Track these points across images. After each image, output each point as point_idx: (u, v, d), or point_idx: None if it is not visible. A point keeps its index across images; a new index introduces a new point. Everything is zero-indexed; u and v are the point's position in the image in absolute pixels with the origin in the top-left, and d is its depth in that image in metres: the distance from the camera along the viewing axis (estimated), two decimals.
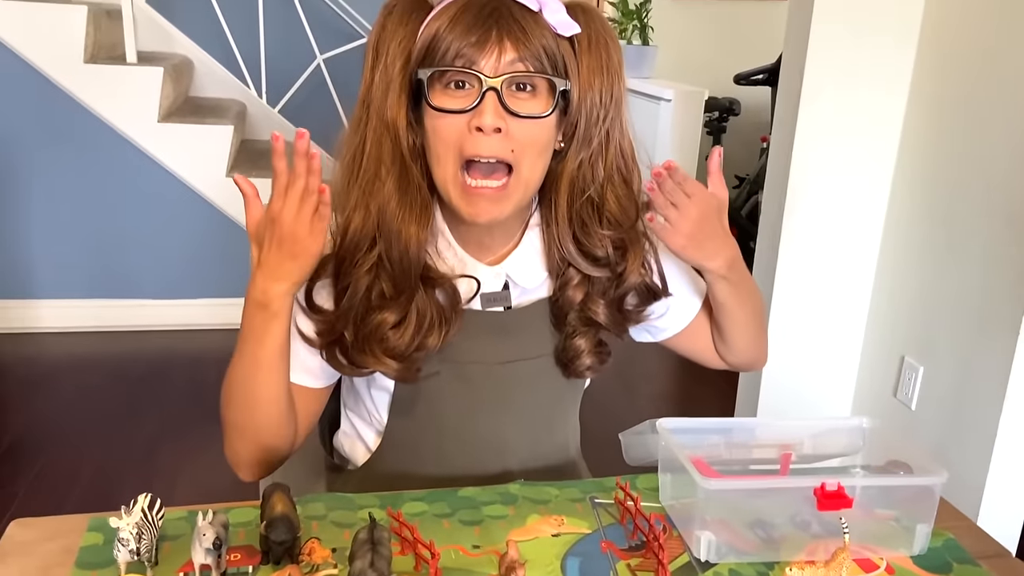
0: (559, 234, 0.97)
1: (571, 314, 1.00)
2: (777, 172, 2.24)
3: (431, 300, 0.95)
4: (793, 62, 2.15)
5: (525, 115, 0.88)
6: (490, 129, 0.87)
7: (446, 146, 0.90)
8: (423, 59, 0.89)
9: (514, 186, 0.91)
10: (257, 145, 3.75)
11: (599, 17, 0.94)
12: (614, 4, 3.94)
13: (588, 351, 1.01)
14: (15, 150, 3.14)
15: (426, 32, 0.89)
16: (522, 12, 0.88)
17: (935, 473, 0.87)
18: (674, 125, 3.53)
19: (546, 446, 1.09)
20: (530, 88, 0.89)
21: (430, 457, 1.05)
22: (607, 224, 0.97)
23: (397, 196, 0.91)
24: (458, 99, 0.88)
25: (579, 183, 0.96)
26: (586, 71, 0.92)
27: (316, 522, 0.91)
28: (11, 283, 3.25)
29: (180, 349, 3.23)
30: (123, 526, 0.77)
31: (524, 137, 0.89)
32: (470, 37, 0.86)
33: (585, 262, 0.98)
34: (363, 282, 0.93)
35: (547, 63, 0.89)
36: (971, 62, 1.94)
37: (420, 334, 0.94)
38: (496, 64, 0.87)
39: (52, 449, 2.50)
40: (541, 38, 0.88)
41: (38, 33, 3.03)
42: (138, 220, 3.28)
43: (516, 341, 1.01)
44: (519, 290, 1.02)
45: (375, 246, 0.92)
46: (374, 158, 0.92)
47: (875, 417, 0.99)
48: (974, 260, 1.91)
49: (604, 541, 0.90)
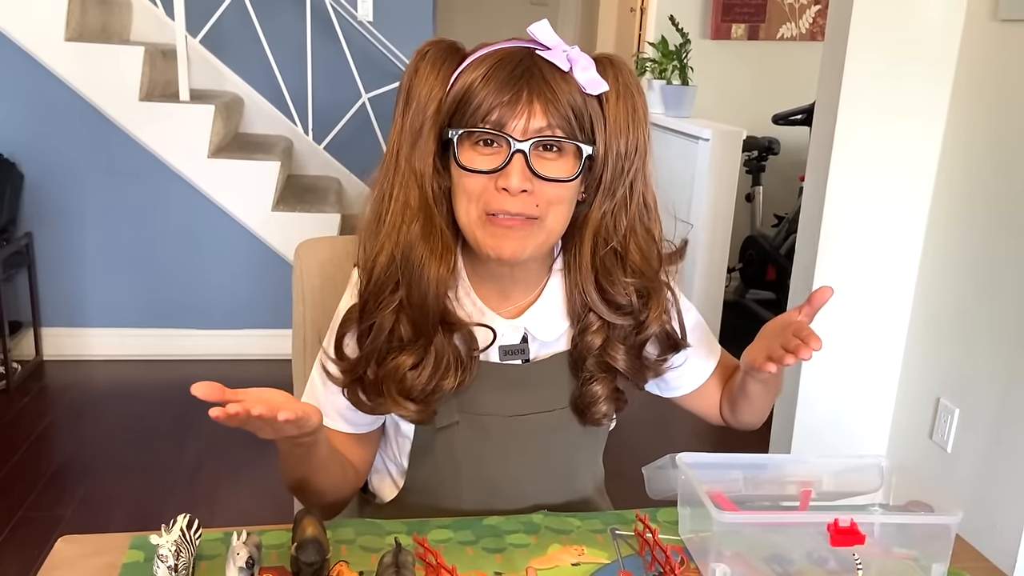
0: (582, 280, 0.99)
1: (589, 360, 1.02)
2: (811, 212, 2.26)
3: (449, 344, 0.97)
4: (827, 101, 2.18)
5: (551, 178, 0.91)
6: (516, 191, 0.90)
7: (472, 198, 0.93)
8: (454, 113, 0.92)
9: (538, 230, 0.94)
10: (303, 180, 3.85)
11: (626, 70, 0.96)
12: (654, 45, 3.99)
13: (605, 398, 1.03)
14: (71, 183, 3.27)
15: (458, 84, 0.92)
16: (552, 72, 0.90)
17: (950, 512, 0.88)
18: (712, 164, 3.55)
19: (565, 493, 1.11)
20: (557, 149, 0.92)
21: (450, 501, 1.07)
22: (630, 273, 0.99)
23: (421, 241, 0.93)
24: (486, 157, 0.91)
25: (602, 233, 0.98)
26: (612, 124, 0.94)
27: (345, 546, 0.94)
28: (63, 312, 3.37)
29: (225, 378, 3.26)
30: (163, 543, 0.81)
31: (549, 196, 0.92)
32: (502, 96, 0.89)
33: (607, 309, 0.99)
34: (387, 323, 0.95)
35: (575, 125, 0.91)
36: (1006, 98, 1.94)
37: (437, 376, 0.96)
38: (525, 126, 0.89)
39: (97, 473, 2.57)
40: (570, 99, 0.90)
41: (96, 72, 3.17)
42: (186, 252, 3.39)
43: (533, 394, 1.03)
44: (537, 344, 1.03)
45: (398, 289, 0.95)
46: (401, 202, 0.94)
47: (895, 457, 1.00)
48: (1010, 301, 1.91)
49: (622, 572, 0.92)
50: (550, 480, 1.09)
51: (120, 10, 3.67)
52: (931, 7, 2.06)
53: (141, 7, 3.76)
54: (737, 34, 4.35)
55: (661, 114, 4.05)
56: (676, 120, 3.88)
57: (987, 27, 2.00)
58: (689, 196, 3.74)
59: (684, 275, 3.76)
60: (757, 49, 4.39)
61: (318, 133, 3.70)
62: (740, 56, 4.39)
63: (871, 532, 0.94)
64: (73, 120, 3.20)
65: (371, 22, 3.82)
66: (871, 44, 2.08)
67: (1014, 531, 1.86)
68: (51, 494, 2.45)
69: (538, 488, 1.08)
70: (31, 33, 3.11)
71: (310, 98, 3.60)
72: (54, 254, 3.32)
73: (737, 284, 4.30)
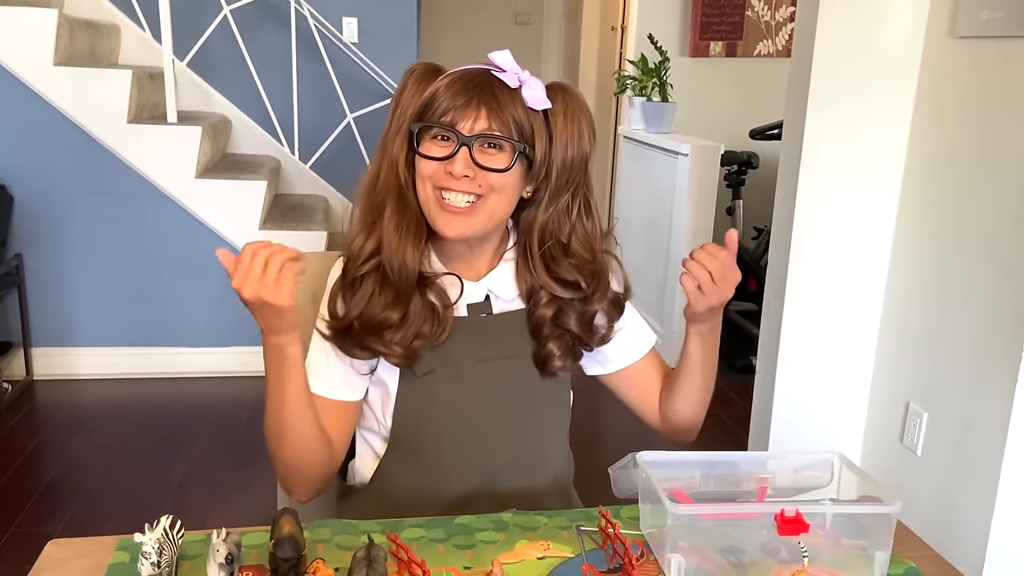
0: (533, 267, 1.17)
1: (544, 326, 1.18)
2: (782, 224, 2.32)
3: (425, 300, 1.13)
4: (794, 116, 2.25)
5: (489, 168, 1.09)
6: (459, 175, 1.08)
7: (425, 178, 1.11)
8: (421, 114, 1.11)
9: (479, 208, 1.10)
10: (290, 199, 3.91)
11: (575, 97, 1.15)
12: (634, 63, 4.07)
13: (561, 354, 1.18)
14: (61, 205, 3.32)
15: (428, 91, 1.11)
16: (502, 88, 1.09)
17: (890, 502, 0.93)
18: (691, 178, 3.62)
19: (534, 447, 1.22)
20: (498, 147, 1.09)
21: (430, 454, 1.17)
22: (572, 260, 1.17)
23: (396, 218, 1.12)
24: (440, 148, 1.09)
25: (550, 228, 1.16)
26: (558, 139, 1.13)
27: (322, 545, 0.99)
28: (53, 332, 3.40)
29: (212, 395, 3.35)
30: (146, 541, 0.86)
31: (490, 182, 1.09)
32: (457, 101, 1.08)
33: (557, 285, 1.17)
34: (369, 286, 1.12)
35: (514, 129, 1.09)
36: (966, 112, 2.01)
37: (418, 325, 1.12)
38: (472, 125, 1.08)
39: (87, 490, 2.61)
40: (512, 109, 1.09)
41: (85, 95, 3.23)
42: (175, 271, 3.44)
43: (499, 342, 1.18)
44: (500, 302, 1.19)
45: (376, 253, 1.11)
46: (383, 187, 1.13)
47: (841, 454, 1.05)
48: (974, 308, 1.97)
49: (585, 564, 0.97)
50: (519, 427, 1.19)
51: (108, 34, 3.73)
52: (893, 25, 2.13)
53: (129, 31, 3.83)
54: (715, 51, 4.44)
55: (642, 130, 4.13)
56: (656, 136, 3.95)
57: (946, 44, 2.07)
58: (670, 210, 3.81)
59: (666, 287, 3.83)
60: (735, 66, 4.48)
61: (304, 153, 3.76)
62: (718, 73, 4.47)
63: (823, 524, 1.00)
64: (62, 143, 3.25)
65: (356, 43, 3.89)
66: (835, 61, 2.15)
67: (981, 531, 1.92)
68: (42, 511, 2.48)
69: (509, 434, 1.18)
70: (20, 58, 3.16)
71: (296, 118, 3.66)
72: (44, 275, 3.36)
73: None
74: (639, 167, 4.23)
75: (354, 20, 3.92)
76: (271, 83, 3.68)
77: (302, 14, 3.67)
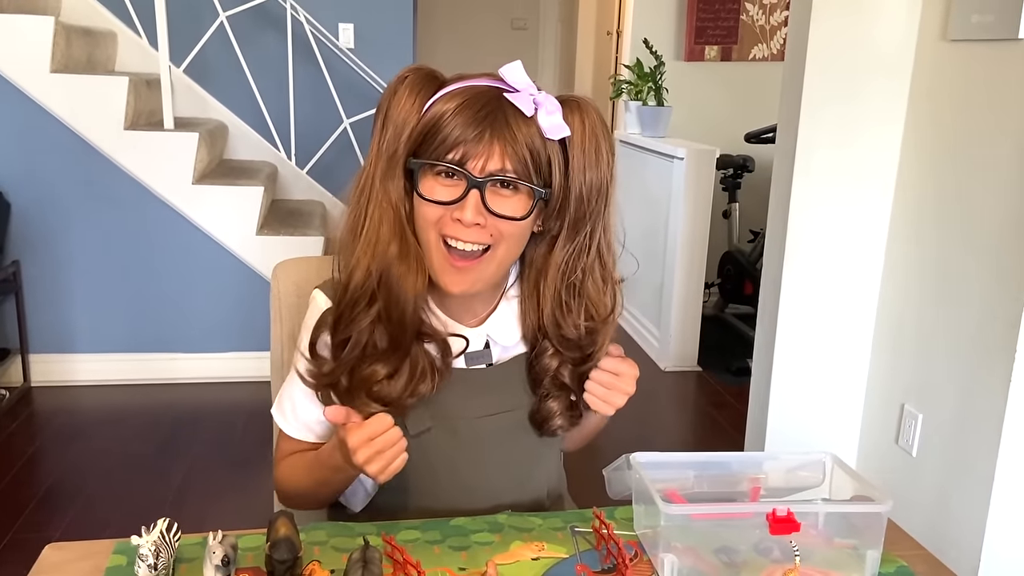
0: (541, 309, 1.06)
1: (546, 379, 1.09)
2: (776, 227, 2.33)
3: (423, 353, 1.03)
4: (788, 119, 2.26)
5: (503, 215, 0.97)
6: (470, 223, 0.96)
7: (428, 224, 0.99)
8: (422, 142, 0.97)
9: (488, 261, 1.00)
10: (287, 205, 3.92)
11: (593, 113, 1.00)
12: (629, 67, 4.09)
13: (560, 412, 1.10)
14: (58, 212, 3.33)
15: (430, 114, 0.97)
16: (516, 116, 0.95)
17: (881, 501, 0.94)
18: (687, 182, 3.64)
19: (530, 493, 1.17)
20: (512, 188, 0.97)
21: (424, 497, 1.12)
22: (583, 313, 1.05)
23: (398, 260, 0.99)
24: (446, 188, 0.97)
25: (564, 270, 1.04)
26: (576, 165, 0.99)
27: (318, 547, 1.00)
28: (51, 338, 3.41)
29: (209, 400, 3.36)
30: (143, 543, 0.86)
31: (501, 229, 0.98)
32: (467, 133, 0.94)
33: (558, 342, 1.06)
34: (364, 335, 1.01)
35: (531, 168, 0.96)
36: (958, 114, 2.02)
37: (413, 383, 1.02)
38: (484, 165, 0.95)
39: (85, 496, 2.61)
40: (529, 142, 0.95)
41: (82, 102, 3.24)
42: (172, 277, 3.44)
43: (498, 395, 1.10)
44: (499, 348, 1.10)
45: (374, 304, 0.99)
46: (376, 221, 0.99)
47: (832, 454, 1.06)
48: (968, 309, 1.98)
49: (579, 565, 0.98)
50: (516, 481, 1.15)
51: (105, 41, 3.75)
52: (885, 28, 2.15)
53: (126, 38, 3.84)
54: (710, 55, 4.46)
55: (637, 134, 4.15)
56: (652, 140, 3.97)
57: (938, 47, 2.08)
58: (666, 214, 3.82)
59: (663, 290, 3.84)
60: (730, 70, 4.49)
61: (301, 158, 3.78)
62: (714, 77, 4.49)
63: (815, 524, 1.01)
64: (59, 150, 3.26)
65: (352, 49, 3.91)
66: (828, 64, 2.16)
67: (976, 532, 1.92)
68: (40, 516, 2.49)
69: (508, 486, 1.14)
70: (17, 65, 3.17)
71: (292, 124, 3.68)
72: (41, 282, 3.37)
73: (717, 299, 4.38)
74: (635, 171, 4.24)
75: (350, 26, 3.94)
76: (268, 89, 3.70)
77: (298, 20, 3.69)
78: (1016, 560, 1.94)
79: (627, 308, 4.42)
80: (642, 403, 1.23)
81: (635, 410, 1.22)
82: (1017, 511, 1.90)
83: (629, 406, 1.17)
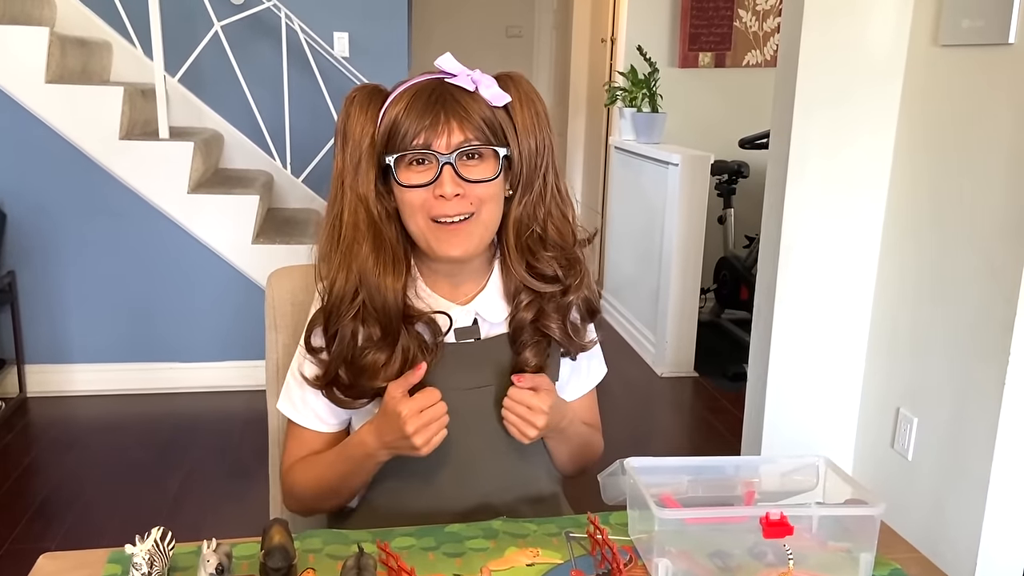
0: (513, 264, 1.14)
1: (524, 331, 1.15)
2: (770, 232, 2.34)
3: (413, 336, 1.10)
4: (781, 124, 2.27)
5: (477, 180, 1.07)
6: (451, 195, 1.05)
7: (415, 209, 1.08)
8: (387, 143, 1.07)
9: (475, 225, 1.08)
10: (283, 213, 3.92)
11: (524, 81, 1.13)
12: (624, 74, 4.10)
13: (533, 364, 1.15)
14: (53, 222, 3.33)
15: (386, 119, 1.07)
16: (462, 94, 1.06)
17: (875, 504, 0.94)
18: (682, 188, 3.65)
19: (520, 470, 1.20)
20: (478, 156, 1.07)
21: (419, 480, 1.16)
22: (551, 248, 1.14)
23: (374, 256, 1.08)
24: (420, 174, 1.07)
25: (525, 220, 1.13)
26: (521, 128, 1.10)
27: (312, 555, 1.00)
28: (46, 349, 3.41)
29: (206, 409, 3.36)
30: (137, 552, 0.86)
31: (480, 195, 1.07)
32: (424, 121, 1.04)
33: (537, 281, 1.14)
34: (349, 328, 1.09)
35: (488, 132, 1.07)
36: (948, 118, 2.03)
37: (408, 365, 1.09)
38: (448, 141, 1.05)
39: (82, 506, 2.60)
40: (480, 113, 1.06)
41: (77, 113, 3.25)
42: (167, 286, 3.44)
43: (486, 369, 1.16)
44: (487, 325, 1.17)
45: (357, 297, 1.09)
46: (351, 226, 1.09)
47: (826, 457, 1.06)
48: (961, 312, 1.98)
49: (574, 570, 0.98)
50: (506, 453, 1.17)
51: (100, 51, 3.75)
52: (877, 33, 2.16)
53: (120, 48, 3.85)
54: (704, 62, 4.47)
55: (632, 140, 4.16)
56: (647, 146, 3.98)
57: (929, 52, 2.09)
58: (661, 219, 3.83)
59: (659, 296, 3.85)
60: (724, 76, 4.51)
61: (296, 167, 3.78)
62: (708, 83, 4.51)
63: (809, 527, 1.01)
64: (55, 160, 3.26)
65: (347, 58, 3.92)
66: (820, 69, 2.17)
67: (972, 535, 1.93)
68: (37, 527, 2.48)
69: (495, 460, 1.17)
70: (12, 76, 3.18)
71: (288, 133, 3.68)
72: (37, 292, 3.36)
73: (713, 305, 4.39)
74: (630, 177, 4.26)
75: (345, 35, 3.94)
76: (263, 98, 3.71)
77: (293, 29, 3.70)
78: (1011, 563, 1.94)
79: (623, 313, 4.43)
80: (639, 409, 1.24)
81: (632, 415, 1.22)
82: (1012, 514, 1.90)
83: (626, 412, 1.17)
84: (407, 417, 1.03)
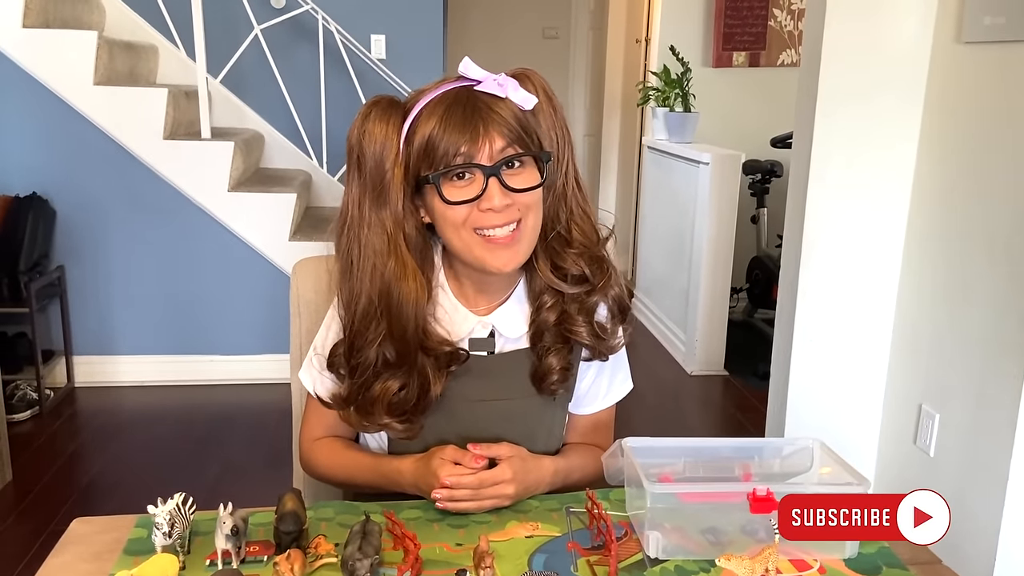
0: (539, 267, 1.12)
1: (547, 334, 1.13)
2: (793, 231, 2.36)
3: (429, 362, 1.09)
4: (804, 124, 2.29)
5: (523, 188, 1.04)
6: (501, 208, 1.03)
7: (459, 224, 1.06)
8: (424, 160, 1.04)
9: (522, 235, 1.07)
10: (320, 212, 4.01)
11: (539, 78, 1.10)
12: (657, 74, 4.13)
13: (559, 369, 1.13)
14: (100, 218, 3.46)
15: (419, 136, 1.04)
16: (492, 100, 1.03)
17: (859, 482, 0.98)
18: (712, 187, 3.66)
19: None
20: (519, 163, 1.05)
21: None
22: (576, 246, 1.12)
23: (396, 279, 1.06)
24: (463, 189, 1.04)
25: (549, 221, 1.11)
26: (546, 128, 1.08)
27: (324, 523, 1.06)
28: (93, 340, 3.54)
29: (244, 401, 3.46)
30: (159, 512, 0.93)
31: (526, 202, 1.05)
32: (464, 135, 1.01)
33: (563, 282, 1.11)
34: (372, 355, 1.08)
35: (526, 138, 1.05)
36: (973, 116, 2.04)
37: (423, 390, 1.09)
38: (490, 152, 1.02)
39: (124, 491, 2.71)
40: (513, 117, 1.04)
41: (123, 113, 3.37)
42: (208, 282, 3.56)
43: (496, 383, 1.15)
44: (502, 340, 1.15)
45: (381, 322, 1.07)
46: (372, 248, 1.06)
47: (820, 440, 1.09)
48: (983, 310, 1.99)
49: (571, 542, 1.02)
50: None
51: (147, 55, 3.88)
52: (899, 32, 2.17)
53: (166, 51, 3.97)
54: (738, 61, 4.48)
55: (664, 140, 4.18)
56: (678, 146, 4.00)
57: (952, 50, 2.10)
58: (692, 218, 3.84)
59: (689, 295, 3.86)
60: (758, 75, 4.51)
61: (333, 166, 3.87)
62: (742, 82, 4.50)
63: None
64: (102, 159, 3.39)
65: (383, 60, 4.00)
66: (843, 68, 2.19)
67: (991, 531, 1.93)
68: (80, 510, 2.56)
69: None
70: (63, 79, 3.31)
71: (325, 133, 3.77)
72: (84, 286, 3.50)
73: (745, 304, 4.39)
74: (662, 176, 4.28)
75: (382, 37, 4.03)
76: (301, 99, 3.80)
77: (330, 32, 3.79)
78: None
79: (654, 312, 4.45)
80: (668, 407, 1.25)
81: (661, 413, 1.23)
82: None
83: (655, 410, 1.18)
84: (441, 481, 1.04)
